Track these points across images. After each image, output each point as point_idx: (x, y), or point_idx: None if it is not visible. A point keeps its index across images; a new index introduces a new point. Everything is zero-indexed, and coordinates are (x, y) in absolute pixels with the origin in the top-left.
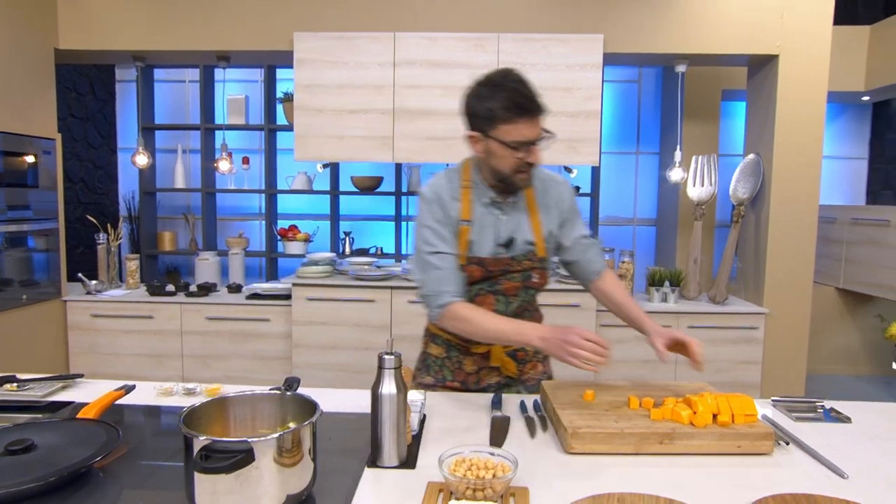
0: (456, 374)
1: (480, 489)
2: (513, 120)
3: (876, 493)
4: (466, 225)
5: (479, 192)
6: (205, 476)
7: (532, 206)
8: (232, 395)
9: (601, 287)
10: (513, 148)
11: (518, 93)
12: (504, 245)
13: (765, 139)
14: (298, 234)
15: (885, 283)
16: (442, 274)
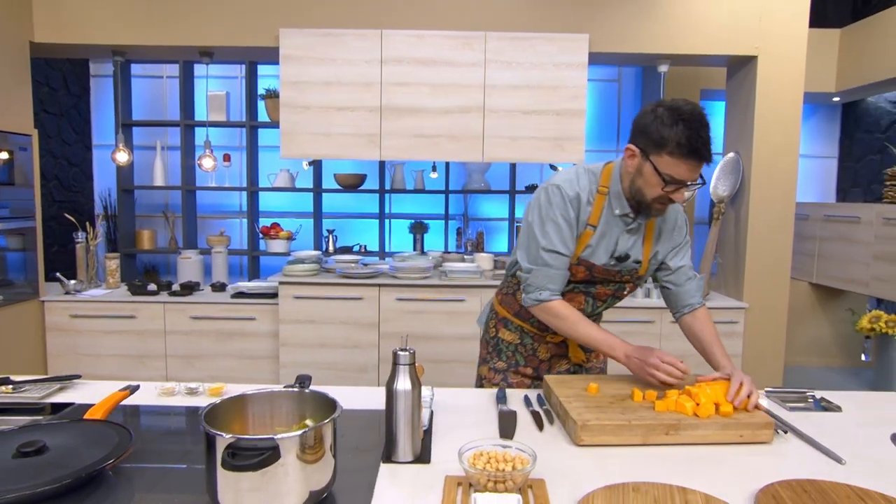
0: (529, 360)
1: (501, 481)
2: (680, 157)
3: (872, 477)
4: (591, 229)
5: (613, 200)
6: (231, 474)
7: (650, 227)
8: (251, 393)
9: (691, 323)
10: (664, 181)
11: (698, 136)
12: (618, 258)
13: (744, 138)
14: (281, 232)
15: (856, 278)
16: (551, 272)
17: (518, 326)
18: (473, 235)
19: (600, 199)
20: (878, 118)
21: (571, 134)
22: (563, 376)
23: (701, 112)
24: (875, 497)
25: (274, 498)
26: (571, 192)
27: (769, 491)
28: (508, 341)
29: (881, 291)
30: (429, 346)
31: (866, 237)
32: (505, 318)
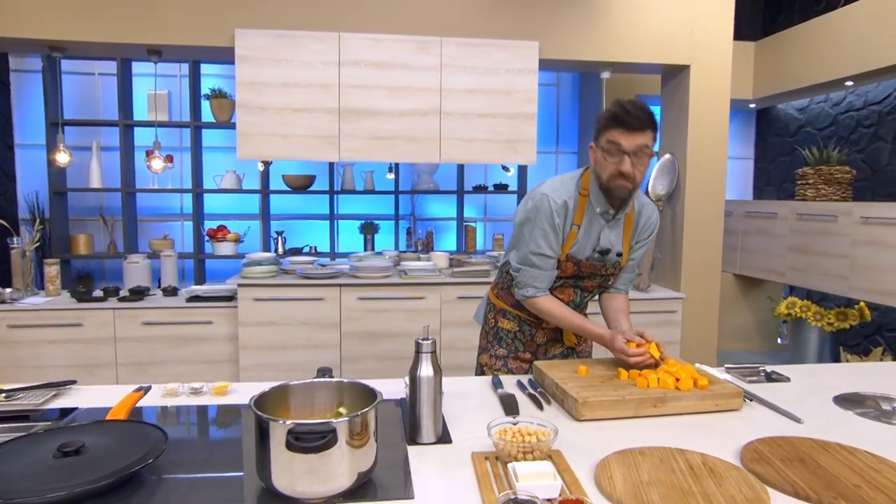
0: (528, 345)
1: (529, 451)
2: (610, 128)
3: (825, 431)
4: (576, 228)
5: (594, 200)
6: (288, 457)
7: (629, 222)
8: (293, 384)
9: (611, 298)
10: (605, 151)
11: (621, 107)
12: (600, 252)
13: (678, 141)
14: (228, 235)
15: (774, 269)
16: (537, 272)
17: (516, 316)
18: (423, 235)
19: (583, 201)
20: (788, 123)
21: (523, 136)
22: (553, 361)
23: (639, 100)
24: (833, 446)
25: (327, 479)
26: (559, 199)
27: (750, 447)
28: (508, 329)
29: (796, 280)
30: (390, 343)
31: (782, 231)
32: (503, 310)
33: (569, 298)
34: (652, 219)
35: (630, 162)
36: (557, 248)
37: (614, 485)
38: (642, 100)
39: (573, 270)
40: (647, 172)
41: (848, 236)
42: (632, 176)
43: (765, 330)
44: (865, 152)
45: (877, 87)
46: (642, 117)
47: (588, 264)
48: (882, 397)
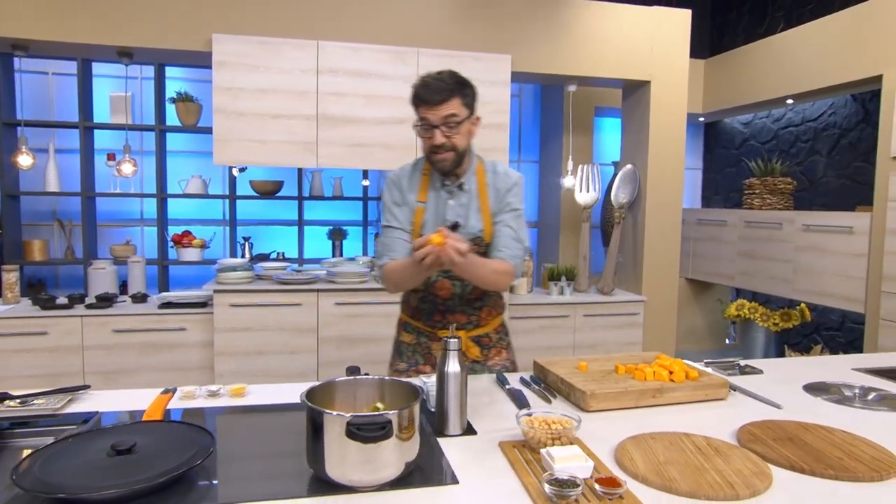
0: (427, 358)
1: (557, 437)
2: (417, 105)
3: (802, 414)
4: (421, 206)
5: (434, 177)
6: (348, 446)
7: (483, 193)
8: (339, 380)
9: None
10: (419, 127)
11: (422, 83)
12: (450, 228)
13: (639, 152)
14: (194, 241)
15: (724, 273)
16: (388, 241)
17: (415, 328)
18: None
19: (425, 180)
20: (733, 137)
21: (497, 146)
22: (553, 359)
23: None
24: (812, 426)
25: (380, 468)
26: (393, 178)
27: (744, 429)
28: (408, 343)
29: (744, 283)
30: (368, 348)
31: (731, 238)
32: (405, 322)
33: (450, 291)
34: (509, 180)
35: (440, 133)
36: (403, 220)
37: (636, 464)
38: (599, 112)
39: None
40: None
41: (792, 242)
42: (447, 145)
43: (714, 331)
44: (803, 165)
45: (813, 106)
46: (443, 88)
47: None
48: (843, 385)
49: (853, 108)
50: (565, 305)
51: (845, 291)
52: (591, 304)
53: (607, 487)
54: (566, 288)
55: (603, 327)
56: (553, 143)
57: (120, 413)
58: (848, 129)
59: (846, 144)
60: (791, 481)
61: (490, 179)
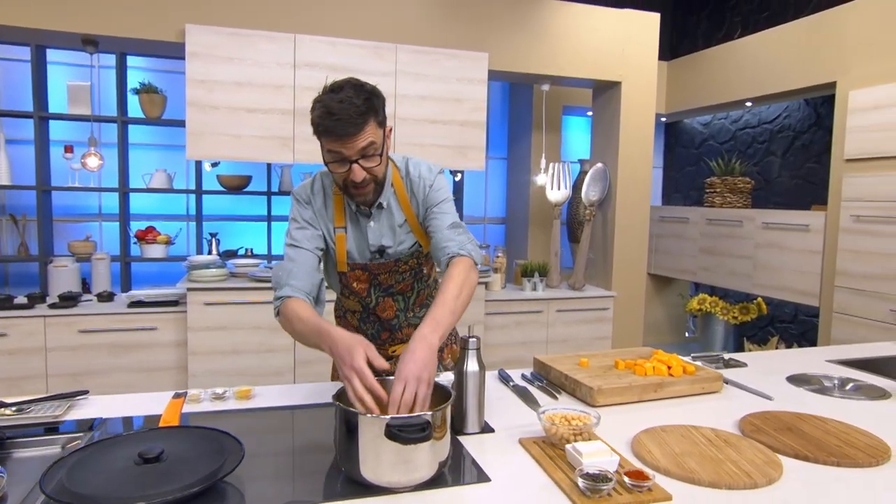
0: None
1: (579, 433)
2: (322, 136)
3: (793, 405)
4: (342, 232)
5: (346, 199)
6: (384, 447)
7: (405, 204)
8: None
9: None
10: (329, 160)
11: (326, 110)
12: (377, 252)
13: (610, 151)
14: (159, 237)
15: (686, 269)
16: (293, 266)
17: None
18: None
19: (339, 200)
20: (693, 136)
21: (473, 143)
22: (553, 356)
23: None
24: (806, 416)
25: (415, 469)
26: (304, 195)
27: (746, 420)
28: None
29: (705, 279)
30: None
31: (693, 235)
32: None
33: (394, 311)
34: (424, 182)
35: (359, 169)
36: (312, 244)
37: (656, 457)
38: (567, 111)
39: (367, 277)
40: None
41: (751, 239)
42: (367, 179)
43: (674, 324)
44: (760, 165)
45: (769, 108)
46: (354, 114)
47: (377, 265)
48: (823, 376)
49: (806, 112)
50: (538, 301)
51: (801, 286)
52: (563, 300)
53: (636, 480)
54: (539, 284)
55: (575, 322)
56: (522, 140)
57: (124, 419)
58: (801, 131)
59: (799, 146)
60: (798, 469)
61: (408, 187)
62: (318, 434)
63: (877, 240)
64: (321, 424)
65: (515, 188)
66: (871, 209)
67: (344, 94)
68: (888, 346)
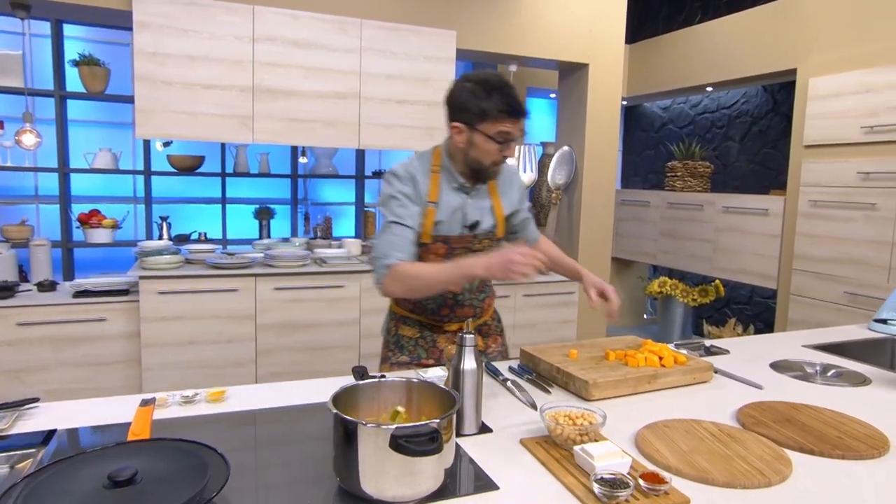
0: (430, 352)
1: (585, 433)
2: (502, 120)
3: (782, 394)
4: (433, 206)
5: (448, 176)
6: (386, 459)
7: (494, 192)
8: (362, 384)
9: (538, 248)
10: (497, 142)
11: (513, 99)
12: (469, 227)
13: (576, 134)
14: (104, 220)
15: (646, 251)
16: (396, 240)
17: (416, 321)
18: (321, 221)
19: (435, 178)
20: (653, 120)
21: (441, 125)
22: (540, 346)
23: (503, 77)
24: (800, 406)
25: (421, 481)
26: (405, 172)
27: (744, 412)
28: (409, 336)
29: (665, 261)
30: (308, 333)
31: (654, 218)
32: (403, 316)
33: (461, 287)
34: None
35: (514, 146)
36: (416, 220)
37: (665, 456)
38: (531, 92)
39: (445, 249)
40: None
41: (712, 223)
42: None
43: (633, 307)
44: (718, 149)
45: (727, 94)
46: (522, 102)
47: (458, 238)
48: (804, 363)
49: (764, 98)
50: (506, 286)
51: (760, 269)
52: (530, 285)
53: (652, 483)
54: None
55: (542, 307)
56: None
57: (85, 430)
58: (759, 117)
59: (757, 132)
60: (806, 463)
61: (499, 176)
62: (305, 440)
63: (833, 224)
64: (307, 429)
65: None
66: (828, 194)
67: (510, 82)
68: (855, 330)
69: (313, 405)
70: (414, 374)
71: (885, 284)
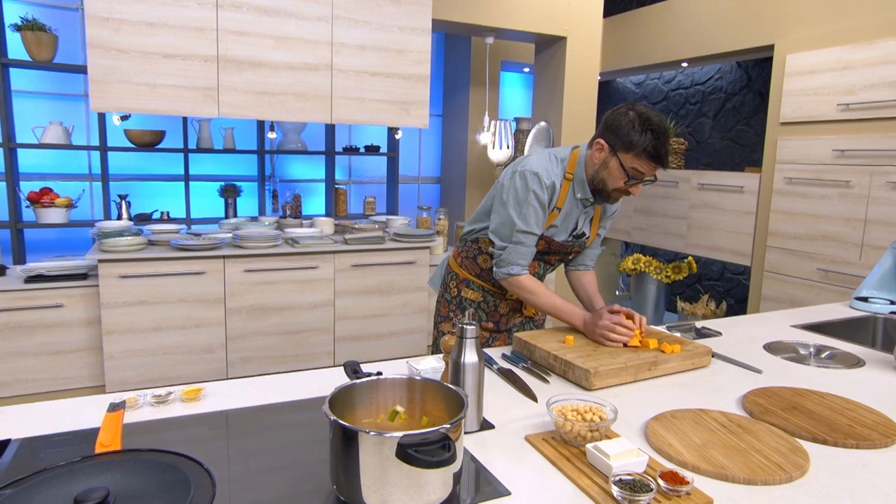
0: (491, 315)
1: (596, 430)
2: (643, 159)
3: (782, 378)
4: (556, 211)
5: (577, 186)
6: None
7: (598, 208)
8: (360, 383)
9: (580, 276)
10: (628, 175)
11: (663, 146)
12: (576, 236)
13: (553, 109)
14: (57, 199)
15: (621, 229)
16: (523, 250)
17: (480, 286)
18: (290, 198)
19: (566, 185)
20: (626, 96)
21: (416, 98)
22: (535, 332)
23: (665, 124)
24: (804, 392)
25: (429, 491)
26: (548, 180)
27: (749, 399)
28: (472, 299)
29: (640, 238)
30: (281, 317)
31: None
32: (466, 279)
33: (533, 270)
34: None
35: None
36: (542, 228)
37: (679, 451)
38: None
39: (544, 247)
40: None
41: (686, 200)
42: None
43: (605, 283)
44: (692, 126)
45: (701, 70)
46: (668, 154)
47: (561, 244)
48: (798, 344)
49: (738, 74)
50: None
51: (734, 246)
52: None
53: (673, 484)
54: None
55: None
56: (458, 96)
57: (44, 439)
58: (732, 93)
59: (730, 108)
60: (821, 454)
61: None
62: (294, 444)
63: (807, 201)
64: (294, 430)
65: (452, 147)
66: (803, 171)
67: (667, 133)
68: (837, 308)
69: (298, 402)
70: (413, 372)
71: (856, 261)
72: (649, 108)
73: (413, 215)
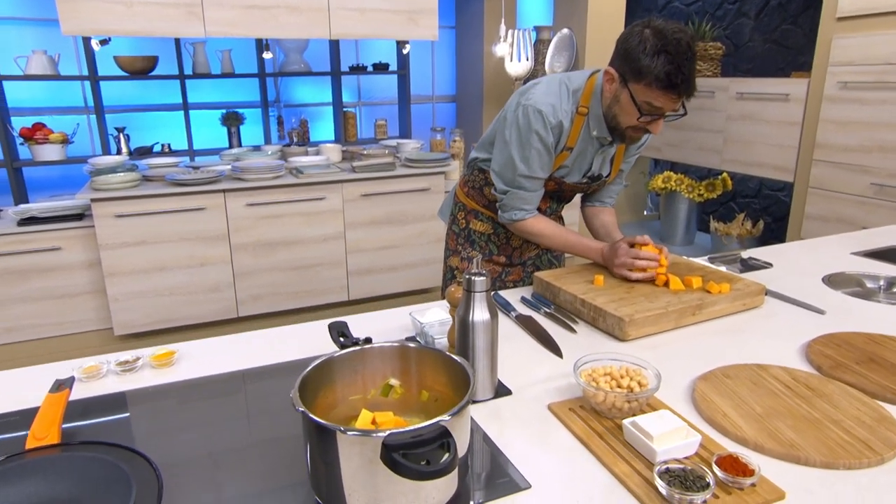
0: (502, 248)
1: (634, 400)
2: (655, 89)
3: (848, 320)
4: (567, 151)
5: (592, 122)
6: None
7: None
8: (337, 356)
9: (598, 212)
10: (640, 111)
11: (678, 70)
12: (590, 178)
13: (577, 14)
14: (52, 135)
15: (651, 145)
16: (526, 195)
17: (489, 217)
18: (296, 125)
19: (579, 120)
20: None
21: (424, 7)
22: (558, 271)
23: (688, 41)
24: (880, 338)
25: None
26: (554, 119)
27: (814, 350)
28: (481, 231)
29: (671, 155)
30: (290, 252)
31: None
32: (475, 210)
33: (544, 206)
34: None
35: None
36: (549, 169)
37: (737, 424)
38: None
39: (554, 188)
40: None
41: (723, 111)
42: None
43: (633, 202)
44: (730, 28)
45: None
46: (693, 83)
47: (572, 185)
48: (863, 275)
49: None
50: None
51: (776, 160)
52: None
53: (735, 475)
54: None
55: None
56: (472, 4)
57: None
58: None
59: (775, 5)
60: None
61: None
62: (281, 422)
63: (864, 108)
64: (279, 404)
65: (467, 61)
66: (862, 74)
67: (690, 48)
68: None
69: (289, 364)
70: (417, 326)
71: None
72: (670, 22)
73: (427, 138)
